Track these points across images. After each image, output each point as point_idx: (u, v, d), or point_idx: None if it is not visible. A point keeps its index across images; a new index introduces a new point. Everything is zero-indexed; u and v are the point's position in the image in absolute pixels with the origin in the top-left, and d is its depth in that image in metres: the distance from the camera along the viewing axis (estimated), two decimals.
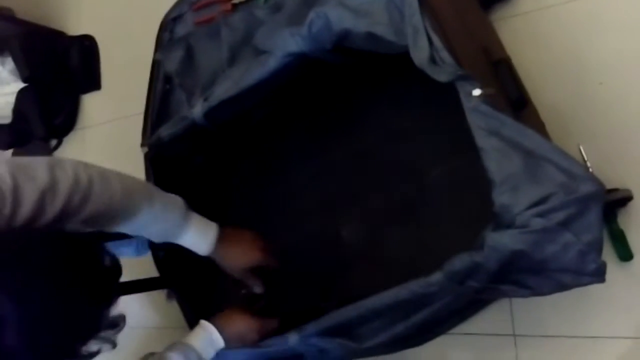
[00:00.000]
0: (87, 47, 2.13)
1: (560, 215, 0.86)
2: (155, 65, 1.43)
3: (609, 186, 1.18)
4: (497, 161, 0.88)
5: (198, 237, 1.11)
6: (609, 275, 1.16)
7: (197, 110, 1.24)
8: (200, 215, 1.13)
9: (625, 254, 1.18)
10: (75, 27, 2.21)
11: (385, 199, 1.30)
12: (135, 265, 1.33)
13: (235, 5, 1.38)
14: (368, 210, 1.32)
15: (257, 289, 1.24)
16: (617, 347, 1.19)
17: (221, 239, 1.13)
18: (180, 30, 1.46)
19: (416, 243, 1.23)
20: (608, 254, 1.19)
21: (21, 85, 2.01)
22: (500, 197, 0.89)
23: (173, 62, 1.39)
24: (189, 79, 1.36)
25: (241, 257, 1.17)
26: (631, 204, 1.19)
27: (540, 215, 0.86)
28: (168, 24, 1.46)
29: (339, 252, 1.31)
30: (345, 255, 1.30)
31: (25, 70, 1.98)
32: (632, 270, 1.19)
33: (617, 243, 1.18)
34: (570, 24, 1.30)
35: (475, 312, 1.27)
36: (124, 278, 0.99)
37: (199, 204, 1.44)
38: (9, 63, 2.02)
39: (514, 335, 1.29)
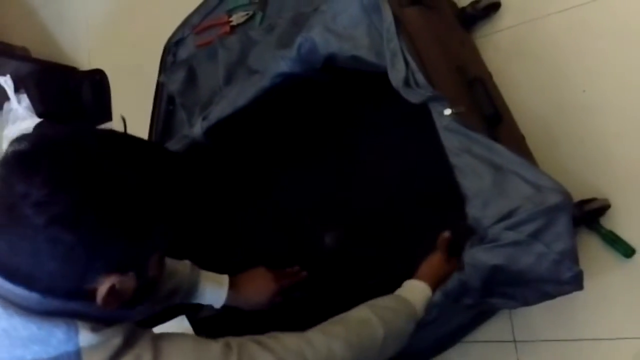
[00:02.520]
0: (97, 81, 2.21)
1: (529, 227, 0.90)
2: (159, 87, 1.50)
3: (591, 193, 1.22)
4: (469, 177, 0.94)
5: (211, 294, 1.18)
6: (610, 277, 1.21)
7: (197, 129, 1.30)
8: (209, 272, 1.20)
9: (626, 250, 1.20)
10: (86, 62, 2.30)
11: (369, 208, 1.36)
12: None
13: (233, 28, 1.45)
14: (352, 218, 1.38)
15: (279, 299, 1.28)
16: (622, 349, 1.20)
17: (234, 287, 1.19)
18: (183, 53, 1.52)
19: (397, 251, 1.28)
20: (609, 258, 1.22)
21: (37, 120, 2.10)
22: (472, 212, 0.94)
23: (175, 83, 1.45)
24: (190, 98, 1.42)
25: (258, 296, 1.22)
26: (616, 208, 1.22)
27: (510, 228, 0.90)
28: (171, 48, 1.53)
29: (322, 257, 1.38)
30: (327, 259, 1.37)
31: (40, 107, 2.09)
32: (633, 269, 1.21)
33: (614, 243, 1.21)
34: (552, 36, 1.35)
35: (476, 326, 1.31)
36: None
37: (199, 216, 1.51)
38: (25, 100, 2.12)
39: (515, 341, 1.31)
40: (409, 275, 1.04)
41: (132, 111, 2.08)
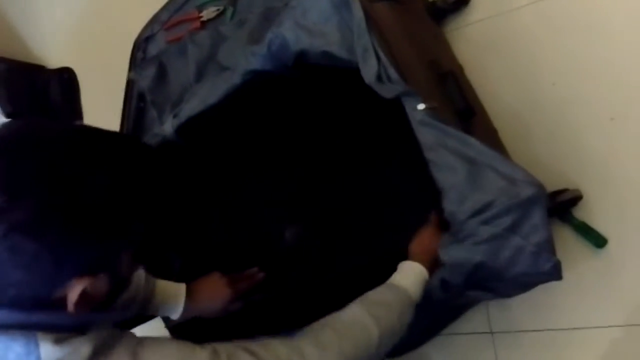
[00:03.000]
0: (66, 79, 2.18)
1: (506, 221, 0.90)
2: (129, 85, 1.46)
3: (563, 184, 1.24)
4: (443, 172, 0.93)
5: (167, 306, 1.12)
6: (584, 267, 1.23)
7: (167, 126, 1.27)
8: (165, 282, 1.14)
9: (599, 241, 1.22)
10: (54, 60, 2.26)
11: (336, 204, 1.38)
12: None
13: (204, 23, 1.42)
14: (316, 215, 1.39)
15: (238, 305, 1.25)
16: (597, 337, 1.23)
17: (189, 298, 1.13)
18: (153, 49, 1.49)
19: (357, 246, 1.30)
20: (582, 248, 1.24)
21: (4, 120, 2.01)
22: (448, 206, 0.94)
23: (146, 79, 1.42)
24: (161, 95, 1.39)
25: (212, 303, 1.18)
26: (588, 199, 1.24)
27: (486, 222, 0.91)
28: (141, 44, 1.49)
29: (281, 251, 1.39)
30: (286, 254, 1.38)
31: (8, 106, 2.04)
32: (606, 259, 1.23)
33: (586, 234, 1.23)
34: (523, 29, 1.35)
35: (454, 319, 1.32)
36: None
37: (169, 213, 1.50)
38: None
39: (492, 332, 1.33)
40: (372, 268, 1.04)
41: (102, 109, 2.06)
